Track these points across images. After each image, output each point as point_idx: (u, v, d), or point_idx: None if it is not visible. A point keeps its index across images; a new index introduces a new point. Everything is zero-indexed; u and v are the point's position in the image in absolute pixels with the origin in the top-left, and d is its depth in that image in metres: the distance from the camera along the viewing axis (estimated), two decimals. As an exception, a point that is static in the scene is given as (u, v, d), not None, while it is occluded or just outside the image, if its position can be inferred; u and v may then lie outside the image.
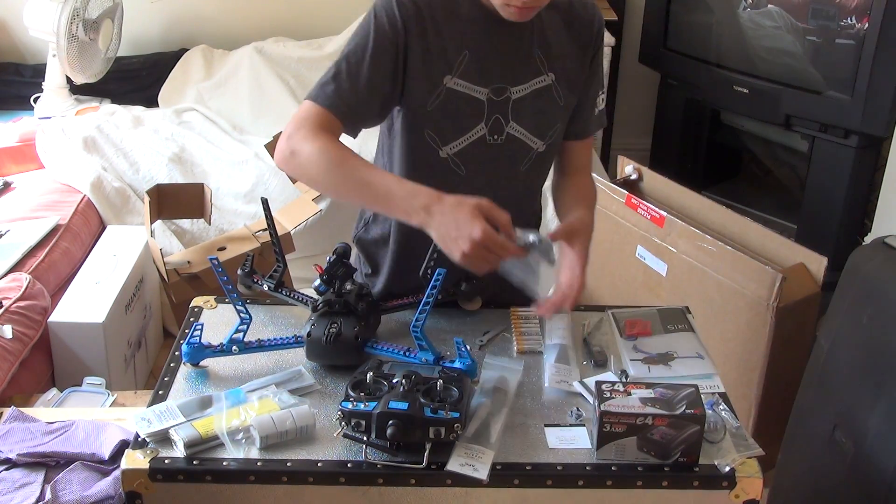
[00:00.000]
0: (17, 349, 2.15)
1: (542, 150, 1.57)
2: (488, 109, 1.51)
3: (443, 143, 1.51)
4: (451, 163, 1.53)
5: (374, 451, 1.25)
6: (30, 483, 1.57)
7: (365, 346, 1.44)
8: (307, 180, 1.49)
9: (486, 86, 1.50)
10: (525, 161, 1.57)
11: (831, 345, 1.83)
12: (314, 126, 1.41)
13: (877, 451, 1.63)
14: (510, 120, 1.52)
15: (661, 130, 3.88)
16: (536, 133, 1.55)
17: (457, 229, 1.28)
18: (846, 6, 2.87)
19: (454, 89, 1.48)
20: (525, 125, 1.54)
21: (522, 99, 1.52)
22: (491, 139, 1.52)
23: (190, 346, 1.42)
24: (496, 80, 1.50)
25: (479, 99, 1.50)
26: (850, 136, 2.98)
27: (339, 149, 1.40)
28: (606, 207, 2.60)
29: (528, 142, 1.55)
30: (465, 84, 1.48)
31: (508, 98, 1.51)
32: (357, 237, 1.72)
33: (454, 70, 1.47)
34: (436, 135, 1.51)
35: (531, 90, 1.52)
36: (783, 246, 2.29)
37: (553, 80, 1.53)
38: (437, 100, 1.48)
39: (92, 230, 2.82)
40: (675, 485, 1.25)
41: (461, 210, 1.29)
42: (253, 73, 3.54)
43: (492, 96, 1.50)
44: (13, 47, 3.70)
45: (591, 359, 1.49)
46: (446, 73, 1.47)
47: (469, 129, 1.51)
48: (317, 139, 1.39)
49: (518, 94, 1.51)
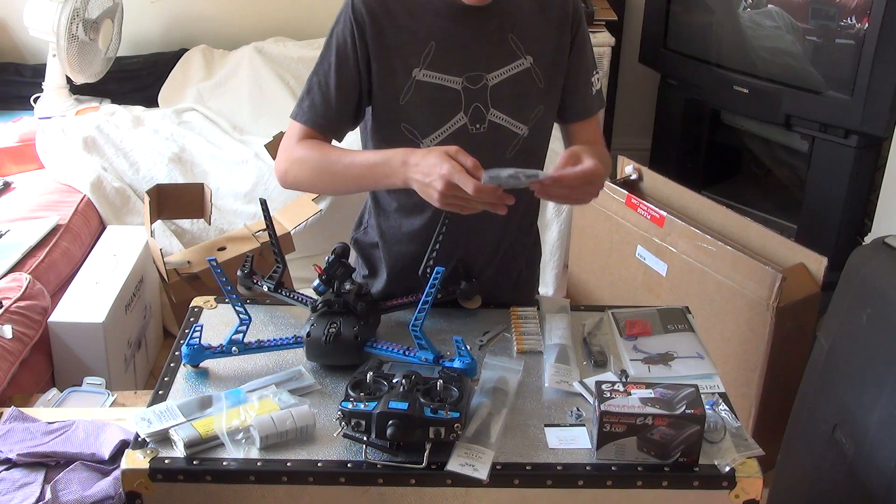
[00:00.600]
0: (17, 349, 2.15)
1: (526, 135, 1.57)
2: (466, 98, 1.51)
3: (422, 136, 1.53)
4: None
5: (374, 451, 1.25)
6: (30, 483, 1.57)
7: (364, 346, 1.44)
8: (308, 190, 1.57)
9: (459, 75, 1.50)
10: (511, 148, 1.56)
11: (831, 345, 1.83)
12: (296, 143, 1.53)
13: (877, 451, 1.63)
14: (490, 107, 1.52)
15: (661, 130, 3.88)
16: (519, 118, 1.55)
17: (428, 174, 1.35)
18: (846, 6, 2.87)
19: (424, 81, 1.50)
20: (506, 111, 1.54)
21: (500, 85, 1.52)
22: (473, 128, 1.53)
23: (190, 348, 1.42)
24: (469, 68, 1.51)
25: (453, 88, 1.51)
26: (850, 136, 2.99)
27: (317, 152, 1.50)
28: (606, 207, 2.60)
29: (511, 128, 1.55)
30: (435, 75, 1.50)
31: (486, 85, 1.52)
32: (354, 239, 1.72)
33: (421, 62, 1.49)
34: (413, 128, 1.52)
35: (509, 75, 1.52)
36: (783, 246, 2.29)
37: (531, 62, 1.53)
38: (409, 93, 1.50)
39: (92, 230, 2.82)
40: (675, 485, 1.25)
41: (430, 155, 1.36)
42: (253, 73, 3.54)
43: (468, 85, 1.51)
44: (13, 47, 3.70)
45: (591, 359, 1.49)
46: (414, 66, 1.49)
47: (448, 120, 1.52)
48: (295, 152, 1.52)
49: (495, 80, 1.52)
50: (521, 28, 1.52)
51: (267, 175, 3.02)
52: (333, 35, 1.51)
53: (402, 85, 1.50)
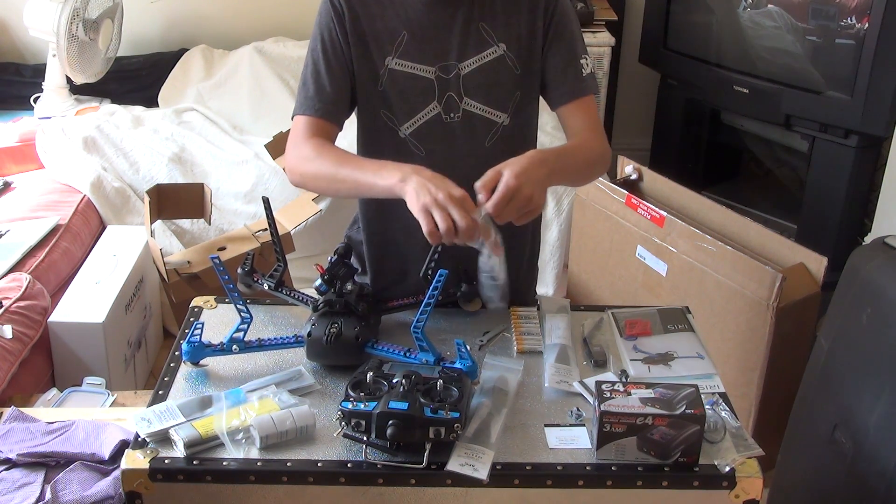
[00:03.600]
0: (17, 349, 2.15)
1: (507, 122, 1.57)
2: (438, 88, 1.53)
3: (399, 124, 1.55)
4: (409, 143, 1.56)
5: (374, 451, 1.25)
6: (30, 483, 1.57)
7: (365, 347, 1.44)
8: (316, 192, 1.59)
9: (431, 64, 1.52)
10: (489, 136, 1.57)
11: (831, 345, 1.83)
12: (304, 139, 1.52)
13: (877, 451, 1.63)
14: (464, 96, 1.53)
15: (661, 130, 3.88)
16: (496, 106, 1.56)
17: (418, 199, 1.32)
18: (846, 6, 2.87)
19: (397, 69, 1.52)
20: (480, 99, 1.54)
21: (473, 74, 1.53)
22: (447, 117, 1.54)
23: (190, 345, 1.42)
24: (441, 57, 1.52)
25: (426, 77, 1.52)
26: (850, 136, 2.99)
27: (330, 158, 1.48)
28: (606, 207, 2.60)
29: (488, 116, 1.56)
30: (406, 63, 1.52)
31: (458, 74, 1.53)
32: (347, 236, 1.74)
33: (394, 51, 1.52)
34: (392, 115, 1.55)
35: (481, 63, 1.53)
36: (783, 246, 2.29)
37: (504, 49, 1.54)
38: (383, 80, 1.53)
39: (92, 230, 2.82)
40: (675, 485, 1.25)
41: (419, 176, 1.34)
42: (253, 73, 3.54)
43: (440, 74, 1.53)
44: (13, 47, 3.70)
45: (591, 359, 1.49)
46: (387, 55, 1.52)
47: (421, 109, 1.54)
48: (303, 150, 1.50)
49: (467, 69, 1.53)
50: (491, 15, 1.53)
51: (267, 175, 3.02)
52: (317, 26, 1.55)
53: (377, 72, 1.53)
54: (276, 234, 1.62)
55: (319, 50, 1.54)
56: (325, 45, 1.54)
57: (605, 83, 3.65)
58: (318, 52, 1.54)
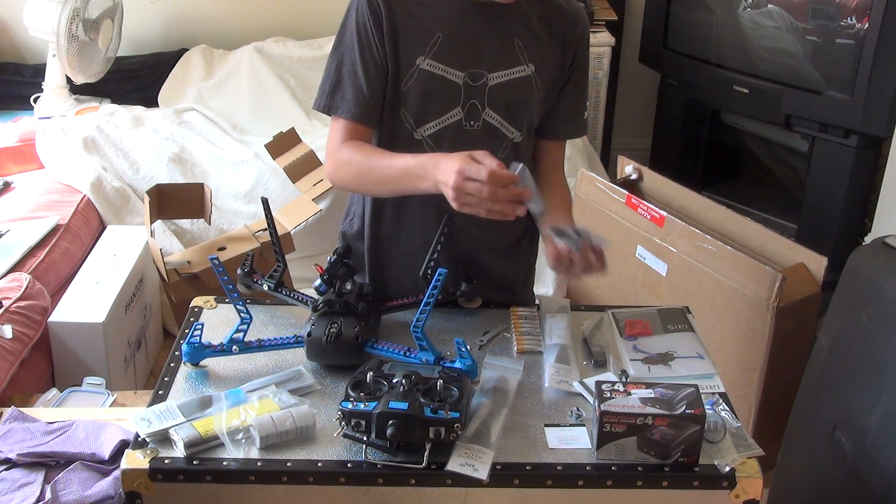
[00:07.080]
0: (17, 349, 2.15)
1: (518, 140, 1.58)
2: (465, 94, 1.52)
3: (417, 125, 1.54)
4: (424, 145, 1.55)
5: (374, 451, 1.25)
6: (30, 483, 1.57)
7: (365, 346, 1.44)
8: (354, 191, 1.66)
9: (461, 69, 1.51)
10: (501, 150, 1.57)
11: (831, 345, 1.83)
12: (340, 144, 1.53)
13: (877, 451, 1.63)
14: (486, 107, 1.53)
15: (661, 130, 3.88)
16: (513, 122, 1.56)
17: (445, 172, 1.35)
18: (846, 6, 2.87)
19: (427, 70, 1.51)
20: (501, 113, 1.55)
21: (500, 86, 1.53)
22: (467, 125, 1.54)
23: (190, 346, 1.42)
24: (472, 64, 1.52)
25: (455, 82, 1.51)
26: (850, 136, 2.99)
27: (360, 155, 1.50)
28: (606, 207, 2.60)
29: (504, 131, 1.56)
30: (438, 66, 1.51)
31: (485, 84, 1.52)
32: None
33: (427, 51, 1.50)
34: (411, 116, 1.54)
35: (509, 78, 1.53)
36: (783, 246, 2.29)
37: (533, 70, 1.54)
38: (411, 80, 1.51)
39: (92, 230, 2.82)
40: (675, 485, 1.25)
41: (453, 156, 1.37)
42: (253, 73, 3.54)
43: (468, 81, 1.52)
44: (13, 47, 3.70)
45: (591, 359, 1.49)
46: (419, 54, 1.50)
47: (444, 113, 1.53)
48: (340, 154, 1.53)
49: (495, 80, 1.53)
50: (527, 35, 1.53)
51: (267, 175, 3.02)
52: (350, 22, 1.52)
53: (405, 71, 1.51)
54: (275, 234, 1.62)
55: (356, 49, 1.51)
56: (363, 44, 1.51)
57: (605, 83, 3.65)
58: (355, 51, 1.51)
